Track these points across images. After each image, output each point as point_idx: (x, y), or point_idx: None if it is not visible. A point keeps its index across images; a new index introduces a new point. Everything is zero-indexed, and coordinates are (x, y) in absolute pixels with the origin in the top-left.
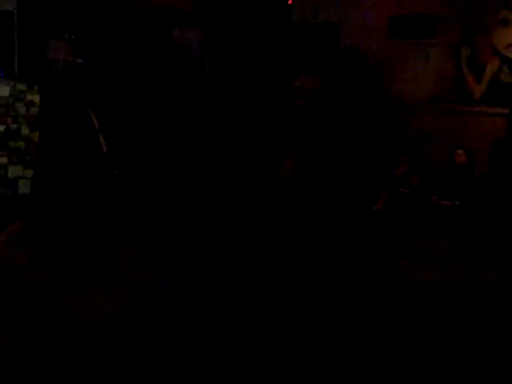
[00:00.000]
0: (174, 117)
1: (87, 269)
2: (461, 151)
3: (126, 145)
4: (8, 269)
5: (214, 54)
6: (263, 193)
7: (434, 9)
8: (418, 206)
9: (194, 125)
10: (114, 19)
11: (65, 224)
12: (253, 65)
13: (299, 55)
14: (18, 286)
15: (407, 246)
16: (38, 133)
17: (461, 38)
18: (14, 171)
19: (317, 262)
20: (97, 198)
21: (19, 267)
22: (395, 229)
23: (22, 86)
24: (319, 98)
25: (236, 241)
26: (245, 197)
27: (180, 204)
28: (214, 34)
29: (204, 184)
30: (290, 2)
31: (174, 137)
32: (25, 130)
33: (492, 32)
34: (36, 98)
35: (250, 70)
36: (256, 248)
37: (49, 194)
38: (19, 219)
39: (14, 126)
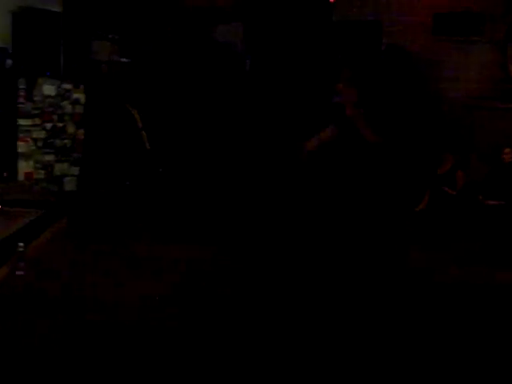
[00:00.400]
0: (216, 115)
1: (126, 267)
2: (508, 150)
3: (169, 143)
4: (48, 266)
5: (255, 52)
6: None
7: (479, 6)
8: (462, 206)
9: (235, 123)
10: (156, 18)
11: (109, 221)
12: (294, 63)
13: (340, 54)
14: (55, 283)
15: (452, 249)
16: (83, 131)
17: (507, 36)
18: (60, 169)
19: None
20: (141, 196)
21: (59, 266)
22: (438, 229)
23: (67, 85)
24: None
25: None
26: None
27: (220, 203)
28: (255, 33)
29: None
30: (332, 1)
31: (216, 135)
32: (70, 128)
33: None
34: (81, 97)
35: (291, 68)
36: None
37: (94, 190)
38: (66, 216)
39: (60, 124)
